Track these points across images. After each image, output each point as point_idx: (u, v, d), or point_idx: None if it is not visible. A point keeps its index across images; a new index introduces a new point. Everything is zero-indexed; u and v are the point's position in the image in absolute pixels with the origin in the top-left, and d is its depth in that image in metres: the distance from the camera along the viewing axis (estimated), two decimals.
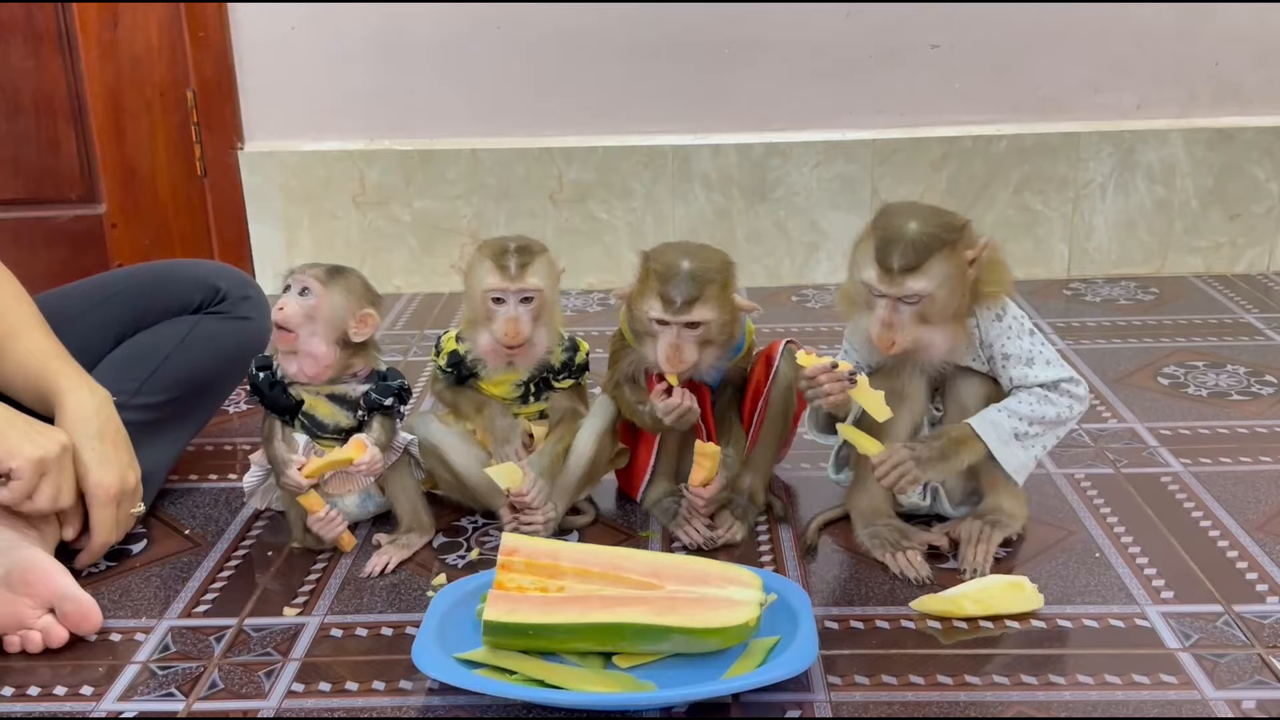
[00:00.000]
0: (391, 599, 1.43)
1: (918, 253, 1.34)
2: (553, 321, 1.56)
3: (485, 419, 1.56)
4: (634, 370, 1.56)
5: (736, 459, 1.57)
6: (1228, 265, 2.69)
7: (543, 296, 1.51)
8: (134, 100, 2.62)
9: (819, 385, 1.40)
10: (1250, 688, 1.20)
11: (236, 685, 1.26)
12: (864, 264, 1.37)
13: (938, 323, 1.39)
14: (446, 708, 1.21)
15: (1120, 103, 2.63)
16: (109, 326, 1.69)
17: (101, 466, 1.45)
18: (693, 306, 1.42)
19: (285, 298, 1.48)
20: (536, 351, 1.55)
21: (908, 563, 1.43)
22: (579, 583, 1.29)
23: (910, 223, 1.36)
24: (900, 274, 1.34)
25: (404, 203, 2.68)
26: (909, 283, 1.34)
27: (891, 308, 1.37)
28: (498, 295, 1.50)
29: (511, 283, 1.49)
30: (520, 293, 1.50)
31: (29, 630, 1.32)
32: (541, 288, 1.50)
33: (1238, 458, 1.73)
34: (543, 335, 1.54)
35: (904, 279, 1.34)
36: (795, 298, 2.62)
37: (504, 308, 1.50)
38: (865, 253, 1.38)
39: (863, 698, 1.21)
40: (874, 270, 1.36)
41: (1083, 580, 1.42)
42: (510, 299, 1.50)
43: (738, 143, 2.63)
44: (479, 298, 1.51)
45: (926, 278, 1.34)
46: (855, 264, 1.40)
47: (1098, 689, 1.20)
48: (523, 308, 1.50)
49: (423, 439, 1.58)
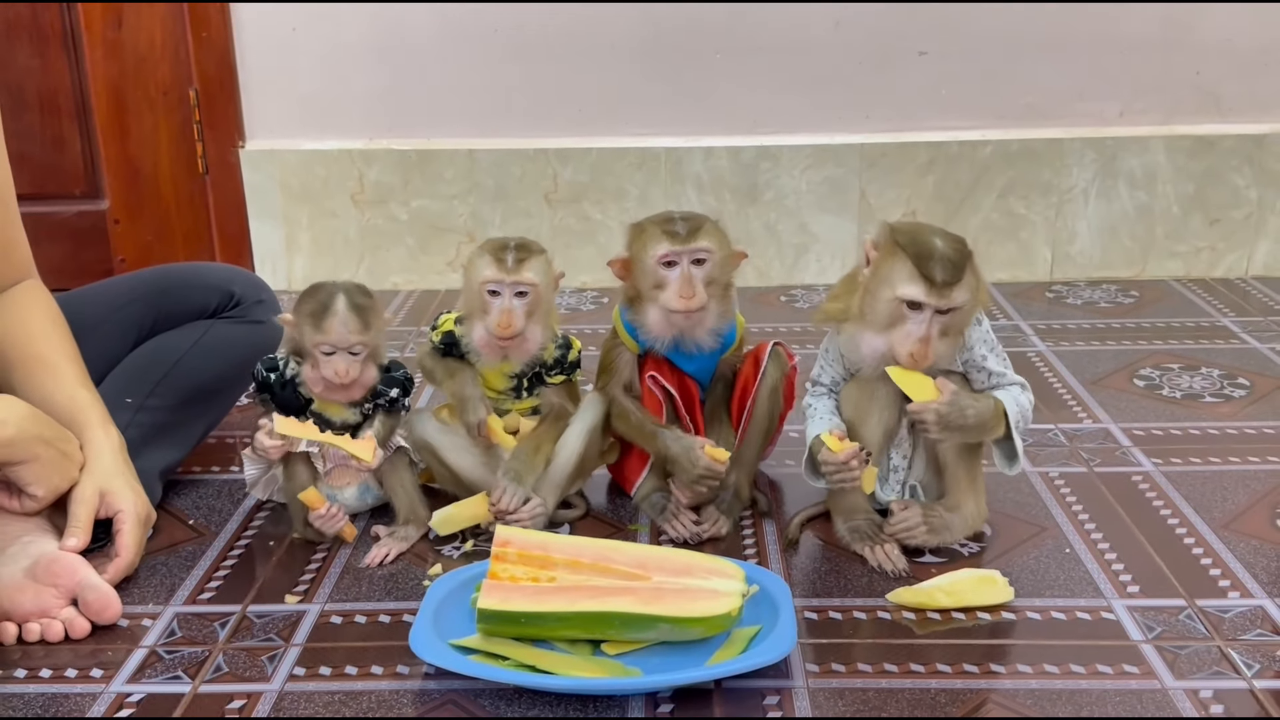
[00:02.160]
0: (389, 588, 1.48)
1: (956, 265, 1.40)
2: (547, 320, 1.61)
3: (455, 384, 1.60)
4: (629, 375, 1.61)
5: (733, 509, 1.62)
6: (1207, 270, 2.74)
7: (537, 292, 1.56)
8: (137, 99, 2.66)
9: (850, 470, 1.46)
10: (1208, 678, 1.25)
11: (240, 669, 1.31)
12: (900, 281, 1.41)
13: (954, 335, 1.45)
14: (442, 691, 1.26)
15: (1103, 110, 2.68)
16: (128, 331, 1.74)
17: (135, 494, 1.49)
18: (697, 236, 1.52)
19: (338, 362, 1.51)
20: (529, 347, 1.59)
21: (885, 556, 1.49)
22: (569, 573, 1.33)
23: (935, 239, 1.41)
24: (944, 286, 1.39)
25: (402, 202, 2.73)
26: (954, 294, 1.40)
27: (930, 321, 1.42)
28: (493, 288, 1.55)
29: (507, 275, 1.54)
30: (515, 285, 1.55)
31: (51, 619, 1.37)
32: (536, 283, 1.55)
33: (1207, 458, 1.79)
34: (536, 332, 1.58)
35: (950, 290, 1.40)
36: (784, 298, 2.67)
37: (499, 300, 1.55)
38: (899, 270, 1.41)
39: (839, 685, 1.26)
40: (918, 285, 1.40)
41: (1053, 574, 1.47)
42: (505, 291, 1.55)
43: (729, 146, 2.68)
44: (476, 290, 1.56)
45: (965, 288, 1.41)
46: (884, 282, 1.43)
47: (1063, 678, 1.26)
48: (517, 301, 1.55)
49: (419, 437, 1.62)
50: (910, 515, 1.50)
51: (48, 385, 1.52)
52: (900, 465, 1.55)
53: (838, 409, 1.54)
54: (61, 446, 1.44)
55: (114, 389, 1.66)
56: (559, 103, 2.69)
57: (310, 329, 1.51)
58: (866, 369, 1.49)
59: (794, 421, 1.71)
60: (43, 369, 1.53)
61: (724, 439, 1.62)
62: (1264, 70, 2.65)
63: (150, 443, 1.65)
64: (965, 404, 1.44)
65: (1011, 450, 1.51)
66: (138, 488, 1.50)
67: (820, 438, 1.48)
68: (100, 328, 1.72)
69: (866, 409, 1.50)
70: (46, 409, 1.46)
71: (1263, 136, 2.65)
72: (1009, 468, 1.52)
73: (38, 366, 1.54)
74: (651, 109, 2.69)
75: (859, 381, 1.52)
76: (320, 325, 1.50)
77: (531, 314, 1.57)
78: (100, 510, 1.46)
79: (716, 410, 1.65)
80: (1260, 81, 2.66)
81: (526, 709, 1.22)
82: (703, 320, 1.55)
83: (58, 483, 1.43)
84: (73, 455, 1.46)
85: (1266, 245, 2.72)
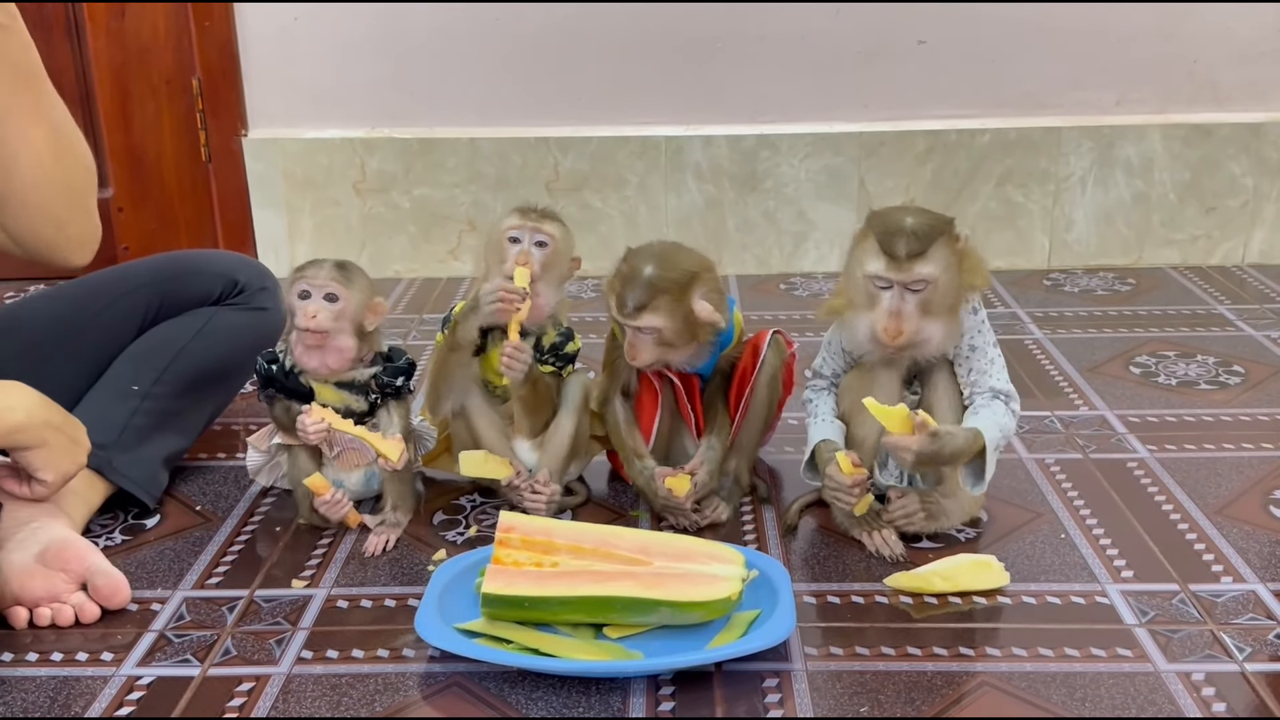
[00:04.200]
0: (394, 573, 1.50)
1: (920, 239, 1.41)
2: (560, 286, 1.63)
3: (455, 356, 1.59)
4: (628, 377, 1.63)
5: (721, 447, 1.64)
6: (1203, 257, 2.76)
7: (556, 248, 1.59)
8: (141, 88, 2.67)
9: (853, 494, 1.49)
10: (1200, 661, 1.27)
11: (249, 652, 1.33)
12: (867, 258, 1.43)
13: (937, 314, 1.45)
14: (447, 674, 1.28)
15: (1100, 99, 2.69)
16: (132, 318, 1.75)
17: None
18: (642, 313, 1.49)
19: (311, 305, 1.53)
20: (540, 305, 1.59)
21: (883, 541, 1.51)
22: (572, 558, 1.35)
23: (905, 216, 1.43)
24: (908, 260, 1.40)
25: (404, 190, 2.74)
26: (917, 267, 1.41)
27: (899, 296, 1.43)
28: (515, 234, 1.58)
29: (529, 223, 1.57)
30: (536, 234, 1.58)
31: (61, 604, 1.39)
32: (556, 236, 1.58)
33: (1202, 445, 1.81)
34: (549, 293, 1.60)
35: (912, 264, 1.41)
36: (783, 286, 2.69)
37: (518, 246, 1.58)
38: (867, 249, 1.44)
39: (837, 668, 1.28)
40: (881, 260, 1.42)
41: (1048, 559, 1.49)
42: (526, 237, 1.58)
43: (729, 134, 2.69)
44: (497, 240, 1.59)
45: (932, 262, 1.41)
46: (856, 262, 1.46)
47: (1057, 661, 1.28)
48: (536, 251, 1.58)
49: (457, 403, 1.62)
50: (908, 501, 1.52)
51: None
52: None
53: (837, 404, 1.57)
54: (70, 432, 1.45)
55: (120, 376, 1.68)
56: (560, 92, 2.71)
57: (294, 278, 1.56)
58: (866, 355, 1.51)
59: (793, 409, 1.72)
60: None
61: (721, 427, 1.64)
62: (1261, 59, 2.66)
63: (156, 430, 1.67)
64: (943, 444, 1.42)
65: (980, 469, 1.48)
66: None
67: (836, 457, 1.49)
68: (104, 315, 1.73)
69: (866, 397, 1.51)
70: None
71: (1260, 125, 2.66)
72: (972, 486, 1.50)
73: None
74: (652, 98, 2.70)
75: (859, 373, 1.54)
76: (303, 270, 1.56)
77: (546, 271, 1.59)
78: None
79: (714, 398, 1.66)
80: (1257, 70, 2.67)
81: (530, 691, 1.25)
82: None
83: (67, 468, 1.45)
84: (81, 441, 1.47)
85: (1262, 233, 2.74)
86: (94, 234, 1.60)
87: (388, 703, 1.23)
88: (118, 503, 1.65)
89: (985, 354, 1.51)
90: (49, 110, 1.49)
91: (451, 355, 1.58)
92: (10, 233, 1.54)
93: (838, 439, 1.54)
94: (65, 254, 1.58)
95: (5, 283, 2.74)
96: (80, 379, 1.68)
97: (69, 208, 1.54)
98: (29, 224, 1.52)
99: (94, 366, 1.70)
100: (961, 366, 1.52)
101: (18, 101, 1.45)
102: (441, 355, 1.60)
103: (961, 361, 1.52)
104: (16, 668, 1.31)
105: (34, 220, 1.52)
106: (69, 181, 1.53)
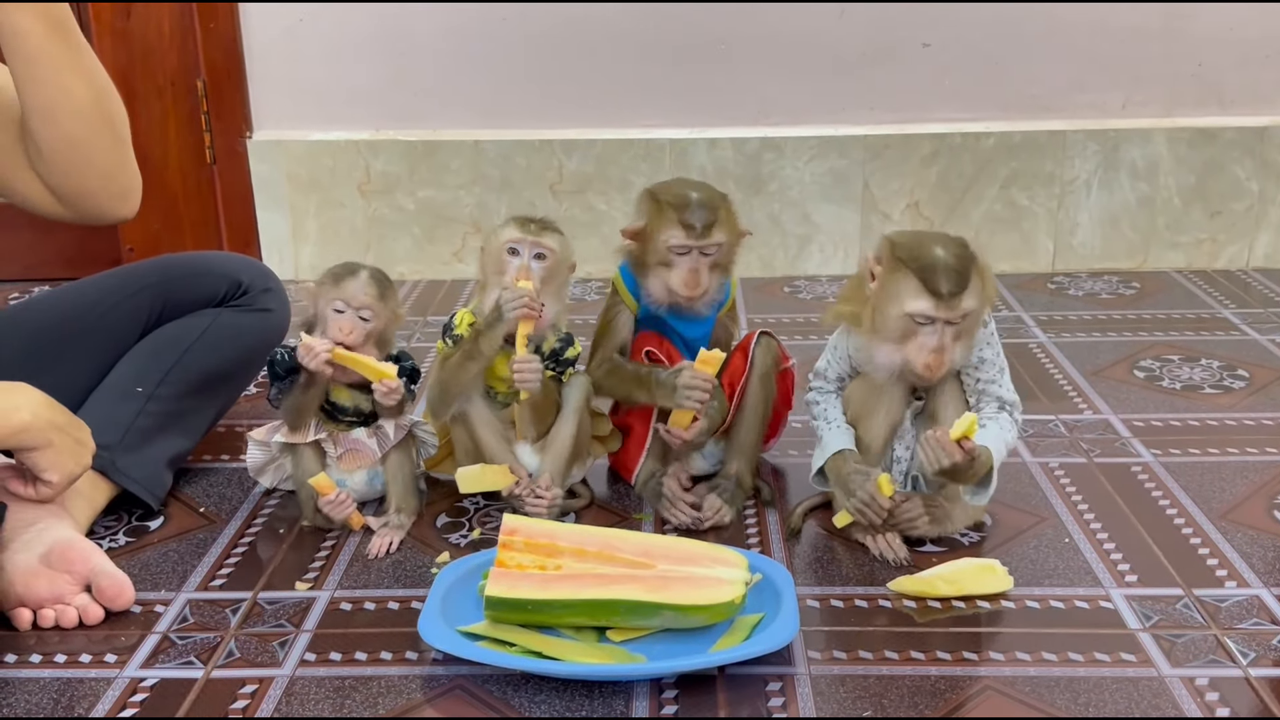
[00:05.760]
0: (397, 575, 1.50)
1: (960, 274, 1.40)
2: (560, 297, 1.63)
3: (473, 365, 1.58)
4: (625, 337, 1.64)
5: (719, 410, 1.63)
6: (1208, 261, 2.76)
7: (555, 260, 1.59)
8: (146, 89, 2.67)
9: (883, 513, 1.48)
10: (1204, 666, 1.27)
11: (252, 654, 1.33)
12: (908, 296, 1.41)
13: (967, 338, 1.45)
14: (450, 677, 1.28)
15: (1105, 102, 2.69)
16: (136, 319, 1.74)
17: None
18: (710, 232, 1.56)
19: (346, 321, 1.54)
20: (543, 316, 1.58)
21: (886, 545, 1.51)
22: (575, 562, 1.35)
23: (937, 249, 1.42)
24: (951, 297, 1.40)
25: (408, 192, 2.74)
26: (962, 303, 1.41)
27: (941, 332, 1.43)
28: (514, 246, 1.57)
29: (529, 235, 1.57)
30: (535, 247, 1.57)
31: (65, 606, 1.39)
32: (555, 249, 1.58)
33: (1206, 449, 1.81)
34: (550, 303, 1.59)
35: (957, 301, 1.40)
36: (788, 288, 2.69)
37: (517, 259, 1.57)
38: (906, 287, 1.42)
39: (840, 672, 1.28)
40: (925, 300, 1.40)
41: (1052, 564, 1.49)
42: (525, 250, 1.57)
43: (733, 137, 2.69)
44: (495, 252, 1.59)
45: (973, 295, 1.41)
46: (892, 298, 1.43)
47: (1061, 666, 1.28)
48: (535, 264, 1.58)
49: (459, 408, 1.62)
50: (912, 505, 1.52)
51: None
52: (903, 456, 1.56)
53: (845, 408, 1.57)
54: (75, 433, 1.46)
55: (124, 377, 1.68)
56: (564, 94, 2.71)
57: (330, 287, 1.56)
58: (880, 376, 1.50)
59: (798, 412, 1.72)
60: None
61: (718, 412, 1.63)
62: (1266, 62, 2.66)
63: (160, 431, 1.67)
64: (974, 465, 1.42)
65: (984, 481, 1.48)
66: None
67: (877, 478, 1.47)
68: (108, 316, 1.73)
69: (873, 405, 1.52)
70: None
71: (1264, 129, 2.66)
72: (973, 499, 1.50)
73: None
74: (656, 100, 2.70)
75: (865, 381, 1.53)
76: (340, 283, 1.56)
77: (547, 281, 1.59)
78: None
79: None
80: (1262, 74, 2.67)
81: (533, 694, 1.25)
82: (704, 298, 1.62)
83: (72, 469, 1.45)
84: (86, 442, 1.48)
85: (1267, 237, 2.73)
86: (137, 184, 1.61)
87: (391, 705, 1.23)
88: (122, 504, 1.65)
89: (994, 364, 1.52)
90: (86, 60, 1.49)
91: (470, 364, 1.57)
92: (57, 190, 1.54)
93: (854, 446, 1.54)
94: (112, 206, 1.59)
95: (9, 284, 2.75)
96: (85, 380, 1.69)
97: (113, 158, 1.55)
98: (78, 179, 1.53)
99: (98, 367, 1.70)
100: (969, 376, 1.52)
101: (54, 47, 1.44)
102: (457, 364, 1.58)
103: (969, 371, 1.52)
104: (20, 669, 1.31)
105: (82, 175, 1.53)
106: (112, 131, 1.53)
